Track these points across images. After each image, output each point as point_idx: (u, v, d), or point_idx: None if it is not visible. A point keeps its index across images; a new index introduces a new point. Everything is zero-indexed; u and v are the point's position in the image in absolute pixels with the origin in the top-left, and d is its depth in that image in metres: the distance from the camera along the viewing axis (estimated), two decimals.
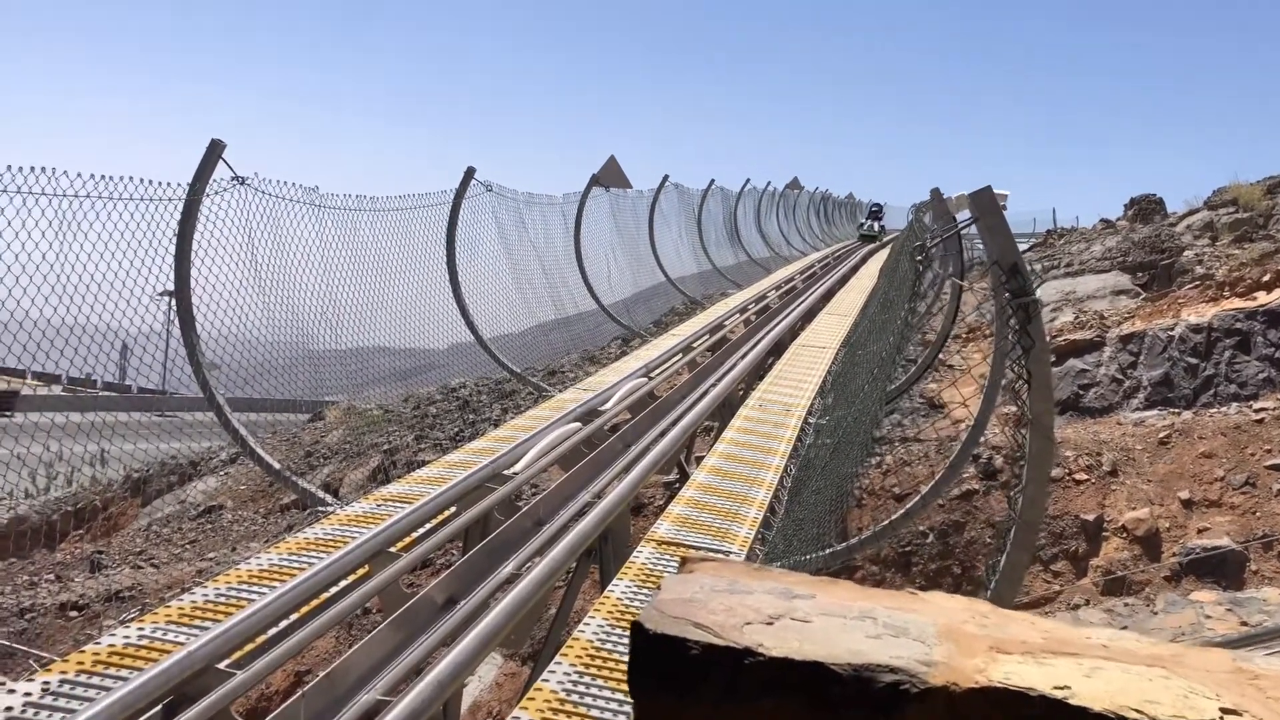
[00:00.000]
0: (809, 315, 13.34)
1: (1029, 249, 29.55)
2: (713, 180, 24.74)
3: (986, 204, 4.73)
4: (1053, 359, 12.52)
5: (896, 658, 1.52)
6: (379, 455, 12.51)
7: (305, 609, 3.42)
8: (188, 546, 11.86)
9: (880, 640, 1.59)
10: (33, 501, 14.09)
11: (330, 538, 4.16)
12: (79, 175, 6.70)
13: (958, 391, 11.33)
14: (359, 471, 12.50)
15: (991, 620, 1.76)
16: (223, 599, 3.51)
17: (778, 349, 10.68)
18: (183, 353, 8.19)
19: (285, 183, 8.75)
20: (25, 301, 6.72)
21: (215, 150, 7.64)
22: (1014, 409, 5.78)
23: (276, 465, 8.67)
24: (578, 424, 6.32)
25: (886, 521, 9.41)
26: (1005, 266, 4.84)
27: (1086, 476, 12.31)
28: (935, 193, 9.45)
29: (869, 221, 32.46)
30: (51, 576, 11.30)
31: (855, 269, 21.26)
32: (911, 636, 1.64)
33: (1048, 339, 12.71)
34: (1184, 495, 11.91)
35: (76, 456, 9.27)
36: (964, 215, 7.15)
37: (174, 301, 8.20)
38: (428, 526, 4.31)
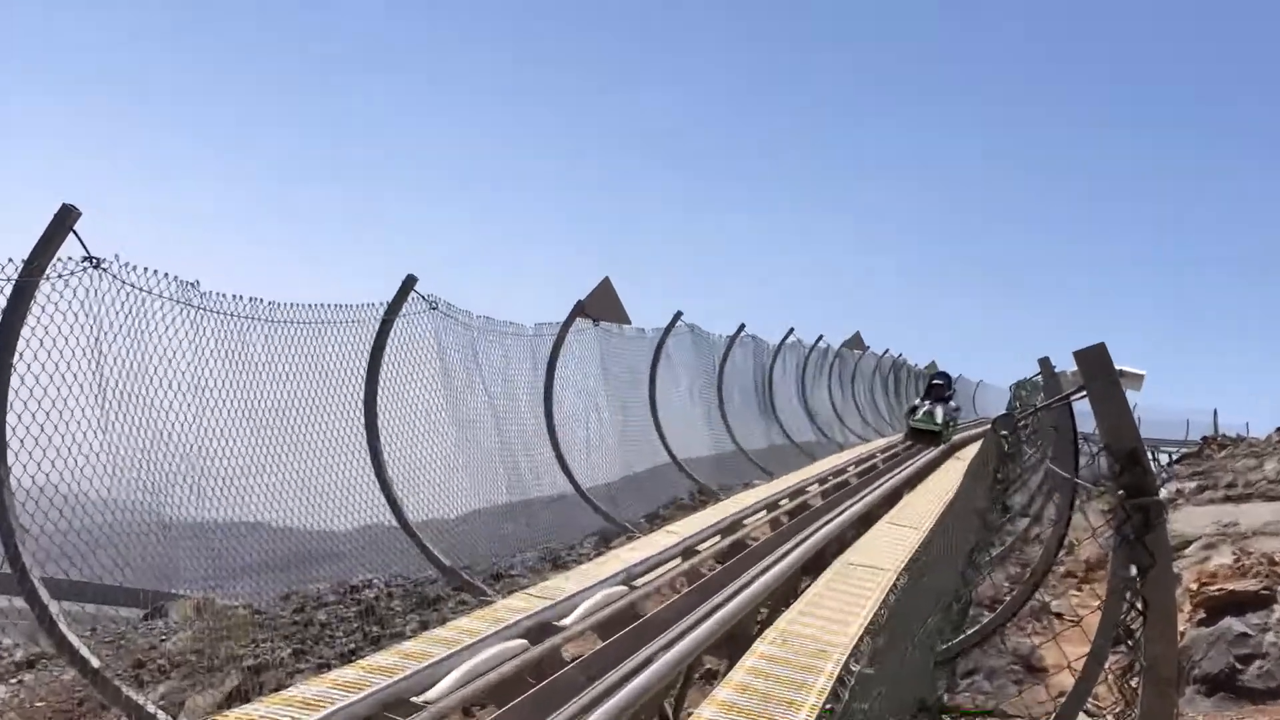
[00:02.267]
0: (864, 522, 13.48)
1: (1177, 460, 29.73)
2: (742, 326, 25.12)
3: (1097, 365, 4.72)
4: (1201, 615, 12.64)
5: None
6: (240, 673, 12.46)
7: None
8: None
9: None
10: None
11: None
12: None
13: (1061, 649, 11.39)
14: (208, 695, 12.41)
15: None
16: None
17: (816, 564, 10.82)
18: None
19: (155, 272, 8.96)
20: None
21: (65, 219, 7.74)
22: (1123, 655, 5.85)
23: (96, 663, 8.67)
24: (522, 642, 6.39)
25: None
26: (1119, 452, 4.84)
27: None
28: (1045, 364, 9.75)
29: (926, 404, 25.69)
30: None
31: (933, 464, 21.38)
32: None
33: (1196, 585, 12.90)
34: None
35: None
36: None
37: None
38: None
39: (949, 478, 18.41)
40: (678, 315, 20.46)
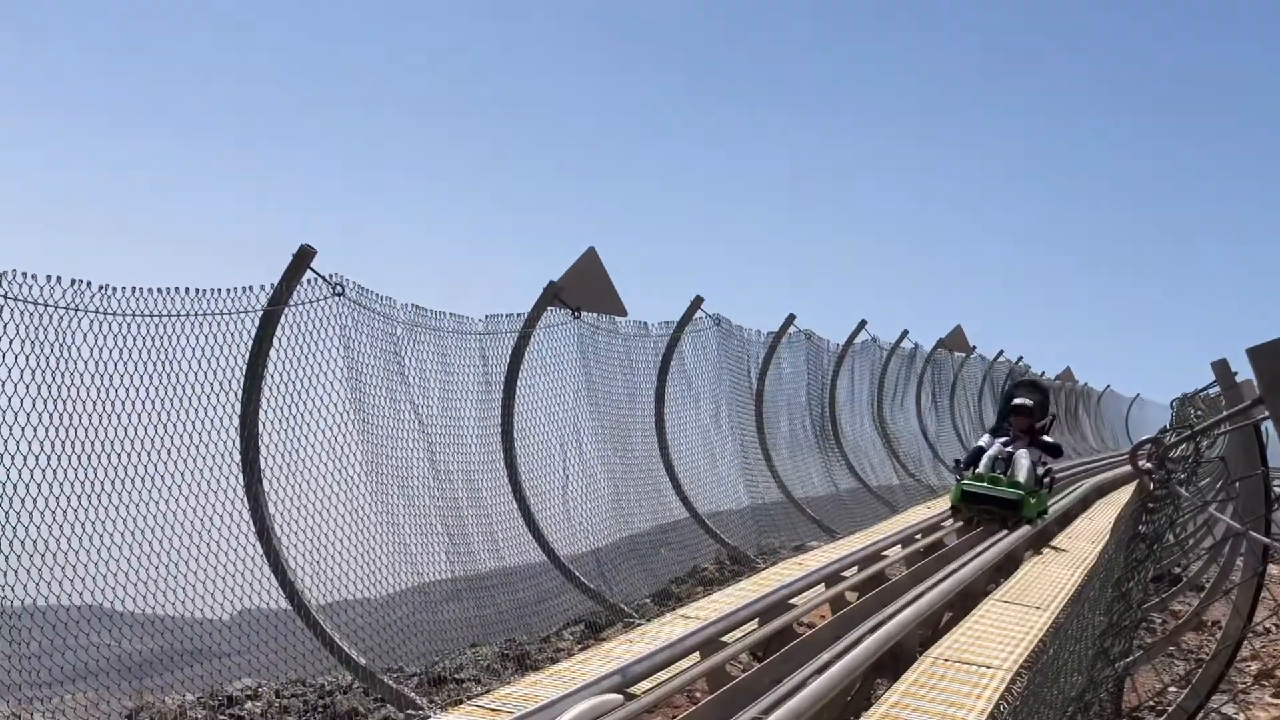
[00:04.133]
0: (965, 600, 13.18)
1: None
2: (791, 318, 24.45)
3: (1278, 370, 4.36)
4: None
5: None
6: None
7: None
8: None
9: None
10: None
11: None
12: None
13: None
14: None
15: None
16: None
17: (893, 662, 10.54)
18: None
19: None
20: None
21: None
22: None
23: None
24: None
25: None
26: None
27: None
28: (1222, 368, 9.31)
29: (996, 444, 18.92)
30: None
31: (1068, 517, 21.18)
32: None
33: None
34: None
35: None
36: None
37: None
38: None
39: (1083, 541, 18.27)
40: (697, 301, 19.80)
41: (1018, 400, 19.59)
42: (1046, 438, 19.31)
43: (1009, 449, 18.46)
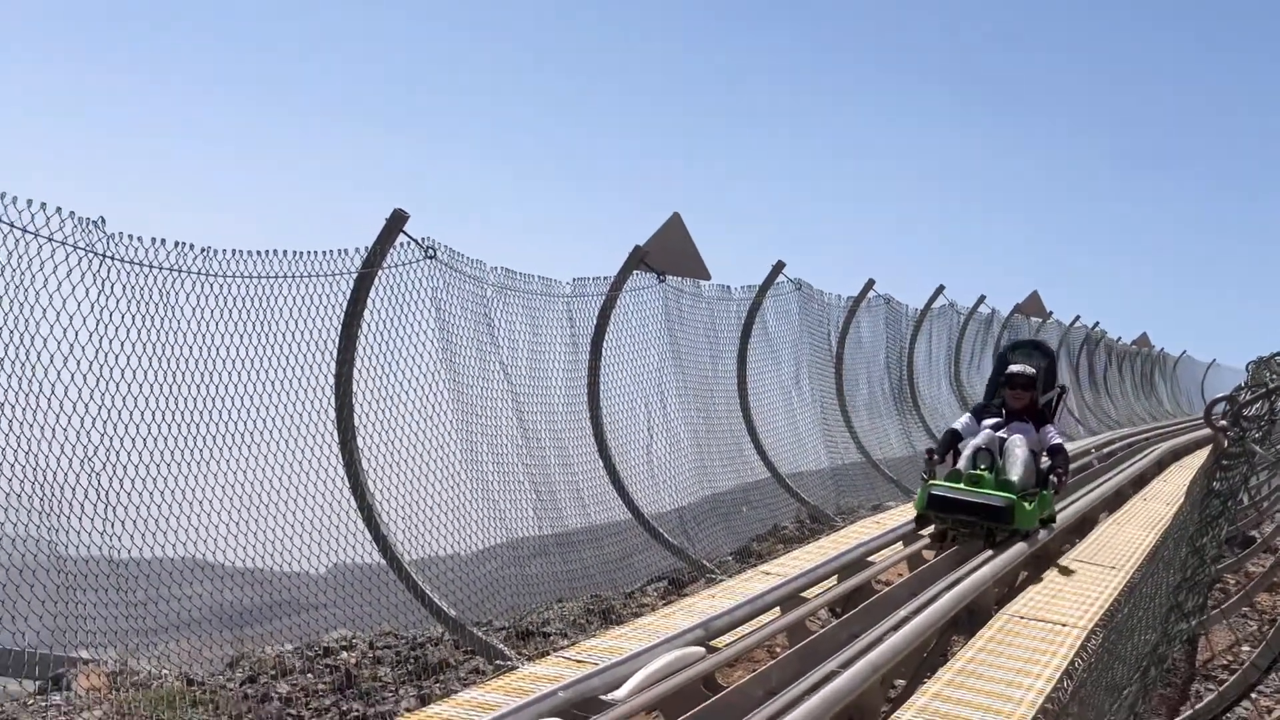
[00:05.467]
0: (1040, 561, 13.17)
1: None
2: (871, 283, 24.48)
3: None
4: None
5: None
6: None
7: None
8: None
9: None
10: None
11: None
12: None
13: None
14: None
15: None
16: None
17: (970, 619, 10.61)
18: None
19: (31, 203, 8.90)
20: None
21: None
22: None
23: None
24: None
25: None
26: None
27: None
28: None
29: (984, 430, 14.14)
30: None
31: (1144, 480, 21.11)
32: None
33: None
34: None
35: None
36: None
37: None
38: None
39: (1158, 504, 18.14)
40: (779, 266, 19.78)
41: (1014, 367, 14.23)
42: (1052, 428, 14.02)
43: (1000, 434, 13.45)
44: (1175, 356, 59.67)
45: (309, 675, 13.78)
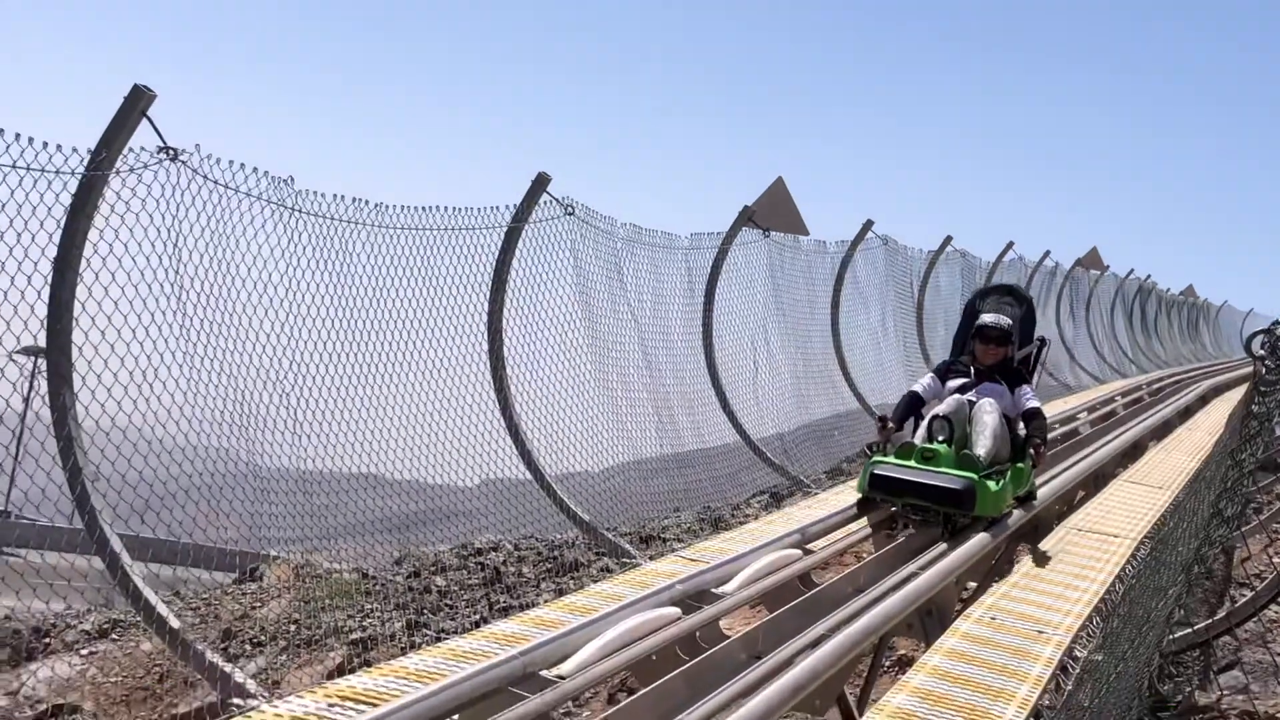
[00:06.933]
0: (1096, 481, 13.18)
1: None
2: (949, 239, 24.39)
3: None
4: None
5: None
6: (344, 647, 12.58)
7: None
8: None
9: None
10: None
11: None
12: None
13: None
14: (309, 671, 12.60)
15: None
16: None
17: (1034, 532, 10.60)
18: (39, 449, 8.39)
19: (243, 166, 9.14)
20: None
21: (137, 101, 8.02)
22: None
23: (176, 624, 8.82)
24: (674, 610, 6.32)
25: None
26: None
27: None
28: None
29: (950, 394, 10.24)
30: None
31: (1189, 412, 20.92)
32: None
33: None
34: None
35: None
36: None
37: (41, 365, 8.41)
38: None
39: (1202, 435, 17.97)
40: (868, 224, 19.84)
41: (985, 317, 10.36)
42: (1029, 389, 10.13)
43: (969, 397, 9.85)
44: (1218, 306, 58.96)
45: (462, 572, 14.08)
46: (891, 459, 9.34)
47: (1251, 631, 12.61)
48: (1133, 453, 15.61)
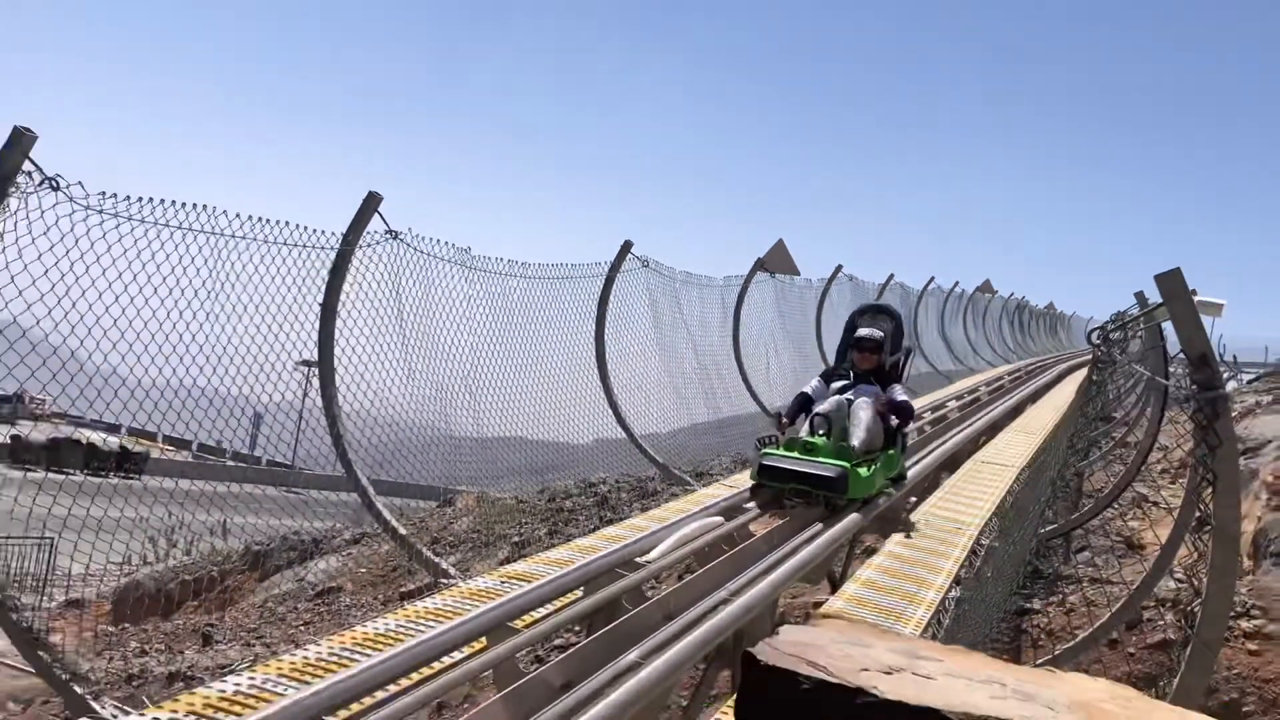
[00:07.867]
0: (992, 429, 12.97)
1: (1256, 378, 28.14)
2: (892, 275, 24.26)
3: (1174, 288, 4.74)
4: (1277, 501, 11.94)
5: (1021, 716, 1.58)
6: (508, 547, 12.80)
7: (416, 676, 3.59)
8: (302, 628, 12.33)
9: (1004, 701, 1.65)
10: (150, 568, 14.96)
11: (449, 608, 4.36)
12: (236, 215, 7.29)
13: (1156, 534, 10.85)
14: (486, 563, 12.82)
15: (1135, 705, 1.79)
16: (334, 658, 3.73)
17: (952, 463, 10.40)
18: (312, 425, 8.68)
19: (437, 240, 9.28)
20: (174, 360, 7.26)
21: (372, 203, 8.33)
22: (1197, 513, 5.68)
23: (404, 531, 9.06)
24: (719, 519, 6.37)
25: (1048, 658, 9.06)
26: (1192, 356, 4.82)
27: None
28: (1140, 296, 9.25)
29: (830, 396, 7.63)
30: (162, 646, 11.92)
31: (1051, 385, 20.67)
32: (1039, 702, 1.69)
33: (1273, 478, 12.14)
34: None
35: (199, 525, 9.80)
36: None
37: (314, 372, 8.66)
38: (551, 607, 4.44)
39: (1061, 398, 17.81)
40: (838, 268, 19.90)
41: (861, 330, 8.20)
42: (899, 387, 8.02)
43: (848, 396, 7.77)
44: (1069, 314, 58.80)
45: (583, 498, 14.23)
46: (780, 450, 7.31)
47: (1094, 526, 12.59)
48: (1015, 412, 15.50)
